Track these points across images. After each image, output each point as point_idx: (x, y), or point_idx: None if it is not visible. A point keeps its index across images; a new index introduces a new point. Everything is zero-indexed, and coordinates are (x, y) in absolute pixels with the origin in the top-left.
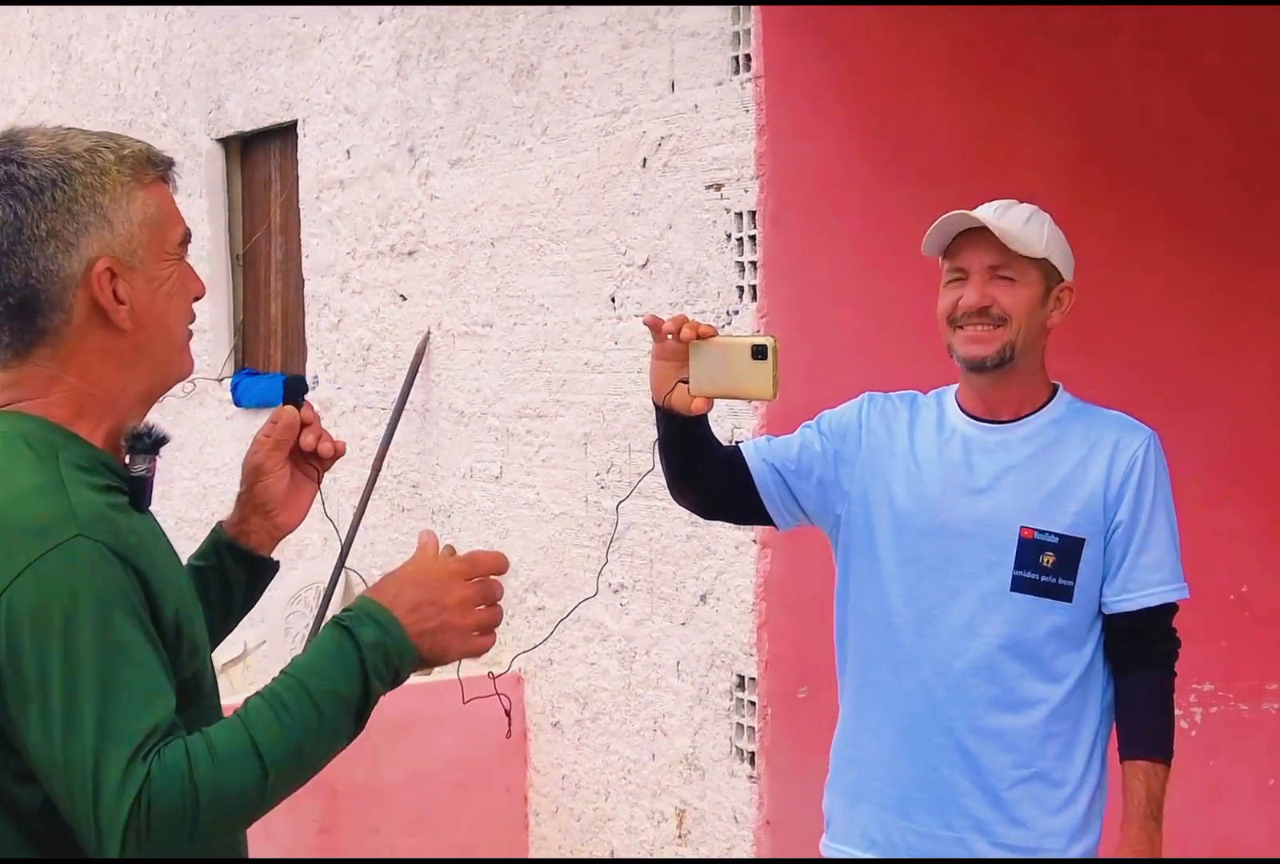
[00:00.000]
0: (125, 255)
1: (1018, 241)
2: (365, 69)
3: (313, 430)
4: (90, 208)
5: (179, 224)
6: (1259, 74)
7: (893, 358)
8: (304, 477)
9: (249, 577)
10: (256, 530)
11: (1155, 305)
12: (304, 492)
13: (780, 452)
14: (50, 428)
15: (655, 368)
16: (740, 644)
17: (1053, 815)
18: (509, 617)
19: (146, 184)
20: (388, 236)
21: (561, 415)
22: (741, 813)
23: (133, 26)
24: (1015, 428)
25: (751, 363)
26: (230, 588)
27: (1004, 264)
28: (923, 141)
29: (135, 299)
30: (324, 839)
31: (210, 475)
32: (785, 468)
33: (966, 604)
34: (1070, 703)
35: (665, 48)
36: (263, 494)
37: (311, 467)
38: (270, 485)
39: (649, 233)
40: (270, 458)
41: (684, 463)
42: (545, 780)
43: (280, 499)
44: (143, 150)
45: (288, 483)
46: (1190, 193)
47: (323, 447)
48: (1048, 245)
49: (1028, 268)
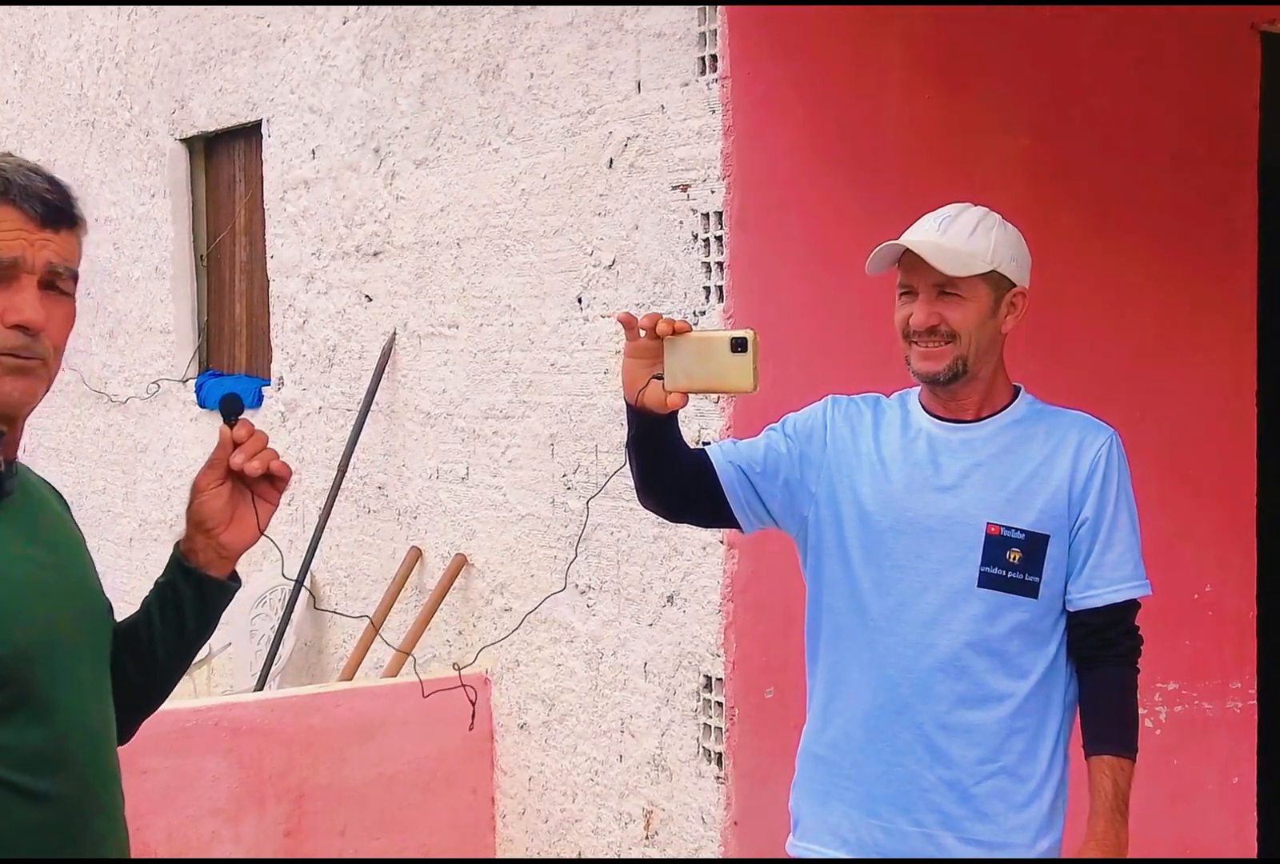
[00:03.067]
0: None
1: (958, 264)
2: (330, 69)
3: (244, 450)
4: None
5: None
6: (1217, 74)
7: (858, 359)
8: (258, 495)
9: (197, 595)
10: (202, 548)
11: (1112, 305)
12: (250, 511)
13: (746, 454)
14: None
15: (627, 365)
16: (707, 645)
17: (1018, 811)
18: (475, 617)
19: None
20: (353, 237)
21: (528, 416)
22: (709, 814)
23: (95, 26)
24: (979, 427)
25: (731, 356)
26: (180, 604)
27: (948, 282)
28: (889, 142)
29: None
30: (290, 842)
31: (174, 477)
32: (751, 470)
33: (934, 600)
34: (1034, 699)
35: (631, 48)
36: (199, 512)
37: (268, 485)
38: (205, 503)
39: (615, 233)
40: (204, 476)
41: (653, 463)
42: (512, 782)
43: (218, 517)
44: None
45: (224, 502)
46: (1147, 193)
47: (249, 466)
48: (994, 255)
49: (974, 283)
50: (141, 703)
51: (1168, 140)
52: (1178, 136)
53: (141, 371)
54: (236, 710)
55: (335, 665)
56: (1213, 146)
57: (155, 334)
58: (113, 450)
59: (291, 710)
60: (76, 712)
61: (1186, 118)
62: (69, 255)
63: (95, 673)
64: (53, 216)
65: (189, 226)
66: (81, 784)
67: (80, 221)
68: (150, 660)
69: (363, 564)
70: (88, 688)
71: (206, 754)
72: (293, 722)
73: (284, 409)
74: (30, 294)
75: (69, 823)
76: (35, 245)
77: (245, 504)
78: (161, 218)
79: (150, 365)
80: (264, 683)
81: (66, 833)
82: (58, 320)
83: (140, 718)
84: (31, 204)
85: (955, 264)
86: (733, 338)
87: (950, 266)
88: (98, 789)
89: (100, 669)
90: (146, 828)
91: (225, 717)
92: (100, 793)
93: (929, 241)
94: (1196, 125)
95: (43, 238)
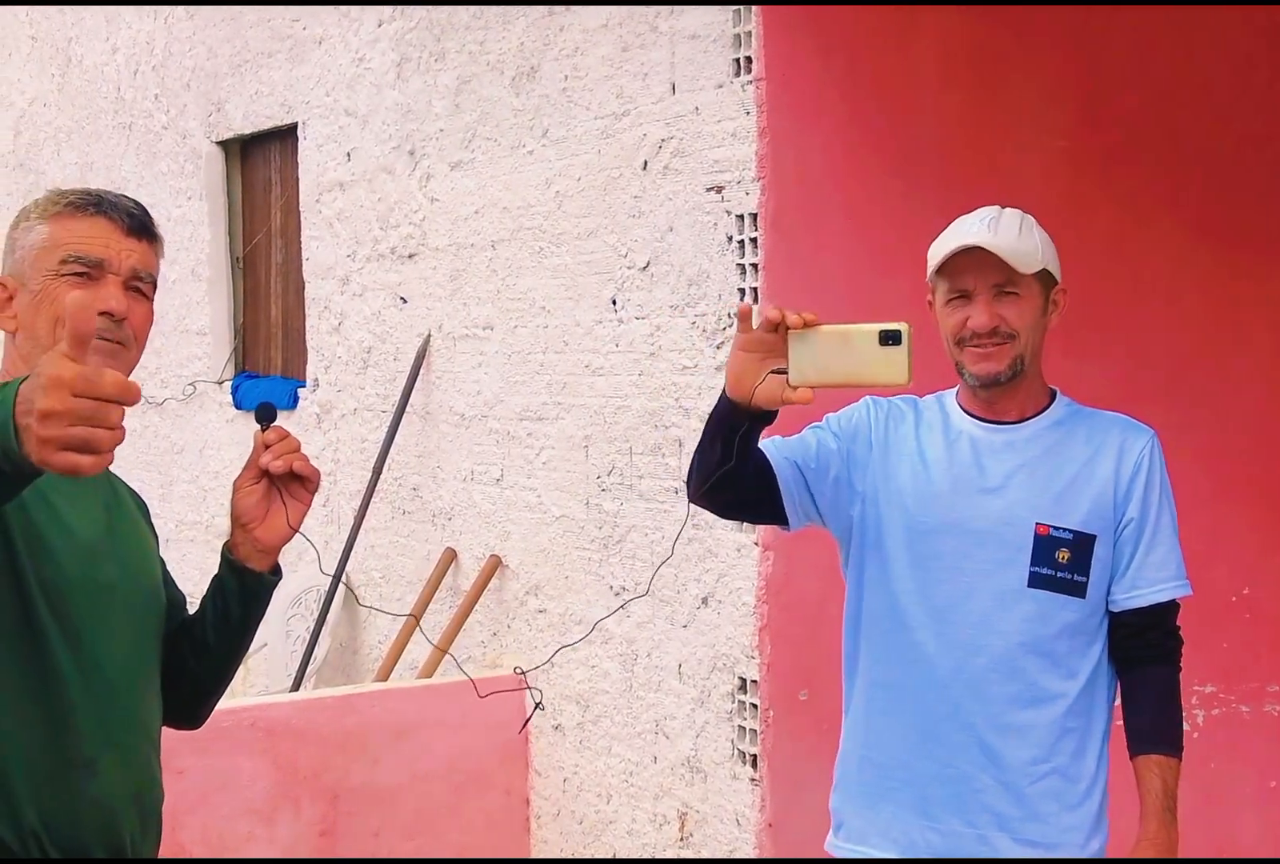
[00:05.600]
0: (17, 274)
1: (1020, 261)
2: (365, 71)
3: (272, 451)
4: (9, 239)
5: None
6: (1257, 73)
7: None
8: (289, 496)
9: (240, 586)
10: (241, 543)
11: (1150, 305)
12: (281, 509)
13: (800, 450)
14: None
15: (738, 359)
16: (741, 647)
17: (1071, 811)
18: (509, 619)
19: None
20: (388, 239)
21: (562, 418)
22: (743, 815)
23: (132, 29)
24: (1021, 428)
25: (880, 349)
26: (226, 595)
27: (1008, 281)
28: (924, 142)
29: (20, 308)
30: (325, 842)
31: (210, 478)
32: (806, 466)
33: (983, 601)
34: (1083, 699)
35: (666, 50)
36: (236, 508)
37: (299, 486)
38: (240, 500)
39: (649, 235)
40: (241, 476)
41: (736, 462)
42: (547, 783)
43: (251, 514)
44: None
45: (258, 500)
46: (1188, 192)
47: (274, 465)
48: (1043, 253)
49: (1030, 281)
50: (202, 688)
51: (1205, 138)
52: (1215, 134)
53: (178, 373)
54: (272, 711)
55: (370, 666)
56: (1251, 144)
57: (191, 336)
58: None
59: (327, 711)
60: (105, 663)
61: (1224, 116)
62: (149, 264)
63: (139, 646)
64: (137, 228)
65: (225, 229)
66: (100, 722)
67: (159, 238)
68: (203, 647)
69: (397, 566)
70: (125, 657)
71: (242, 754)
72: (328, 722)
73: (319, 411)
74: (115, 289)
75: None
76: (122, 252)
77: (278, 503)
78: (198, 220)
79: (187, 367)
80: (299, 683)
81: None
82: (139, 314)
83: (206, 702)
84: (120, 216)
85: (1021, 261)
86: (883, 330)
87: (1020, 264)
88: (116, 728)
89: (145, 646)
90: (182, 828)
91: (261, 717)
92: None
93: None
94: (1234, 123)
95: (128, 246)
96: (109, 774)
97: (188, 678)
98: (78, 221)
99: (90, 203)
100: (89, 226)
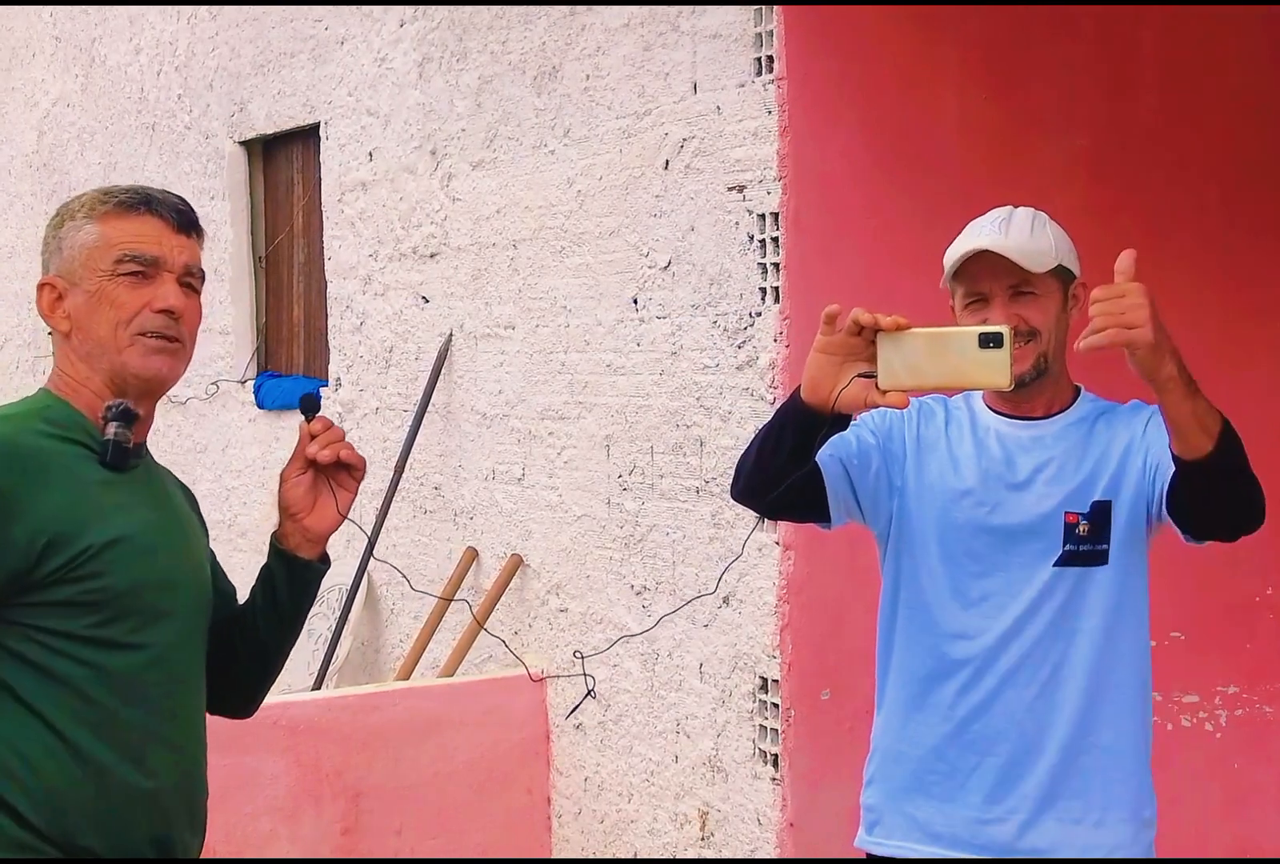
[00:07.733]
0: (67, 274)
1: (1033, 261)
2: (387, 71)
3: (319, 441)
4: (53, 239)
5: (115, 247)
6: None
7: None
8: (337, 484)
9: (288, 575)
10: (290, 532)
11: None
12: (329, 498)
13: (842, 447)
14: (51, 396)
15: (817, 362)
16: (763, 646)
17: (1117, 786)
18: (531, 618)
19: (97, 217)
20: (410, 239)
21: (583, 417)
22: (765, 815)
23: (155, 30)
24: (1049, 424)
25: (980, 352)
26: (274, 583)
27: (1023, 281)
28: (945, 142)
29: (73, 308)
30: (347, 841)
31: (233, 477)
32: (850, 462)
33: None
34: (1119, 673)
35: (687, 49)
36: (283, 499)
37: (345, 475)
38: (288, 491)
39: (671, 235)
40: (288, 467)
41: (799, 464)
42: (568, 782)
43: (300, 503)
44: (106, 190)
45: (305, 490)
46: (1208, 193)
47: (321, 454)
48: (1057, 250)
49: (1047, 279)
50: (252, 678)
51: (1227, 139)
52: (1237, 136)
53: (201, 372)
54: (294, 709)
55: (392, 665)
56: (1274, 145)
57: (214, 335)
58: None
59: (349, 710)
60: (163, 654)
61: (1246, 116)
62: (198, 259)
63: (189, 641)
64: (185, 224)
65: (247, 228)
66: (153, 713)
67: (204, 233)
68: (253, 634)
69: (419, 564)
70: (179, 645)
71: (264, 753)
72: (350, 721)
73: (341, 410)
74: (173, 287)
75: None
76: (174, 249)
77: (326, 492)
78: (220, 220)
79: (209, 366)
80: (322, 682)
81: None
82: (192, 311)
83: (258, 691)
84: (170, 213)
85: (1033, 261)
86: (983, 333)
87: (1032, 264)
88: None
89: (194, 638)
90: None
91: (283, 715)
92: (170, 729)
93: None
94: (1256, 124)
95: (179, 243)
96: (163, 774)
97: (239, 668)
98: (128, 220)
99: (140, 201)
100: (140, 225)
